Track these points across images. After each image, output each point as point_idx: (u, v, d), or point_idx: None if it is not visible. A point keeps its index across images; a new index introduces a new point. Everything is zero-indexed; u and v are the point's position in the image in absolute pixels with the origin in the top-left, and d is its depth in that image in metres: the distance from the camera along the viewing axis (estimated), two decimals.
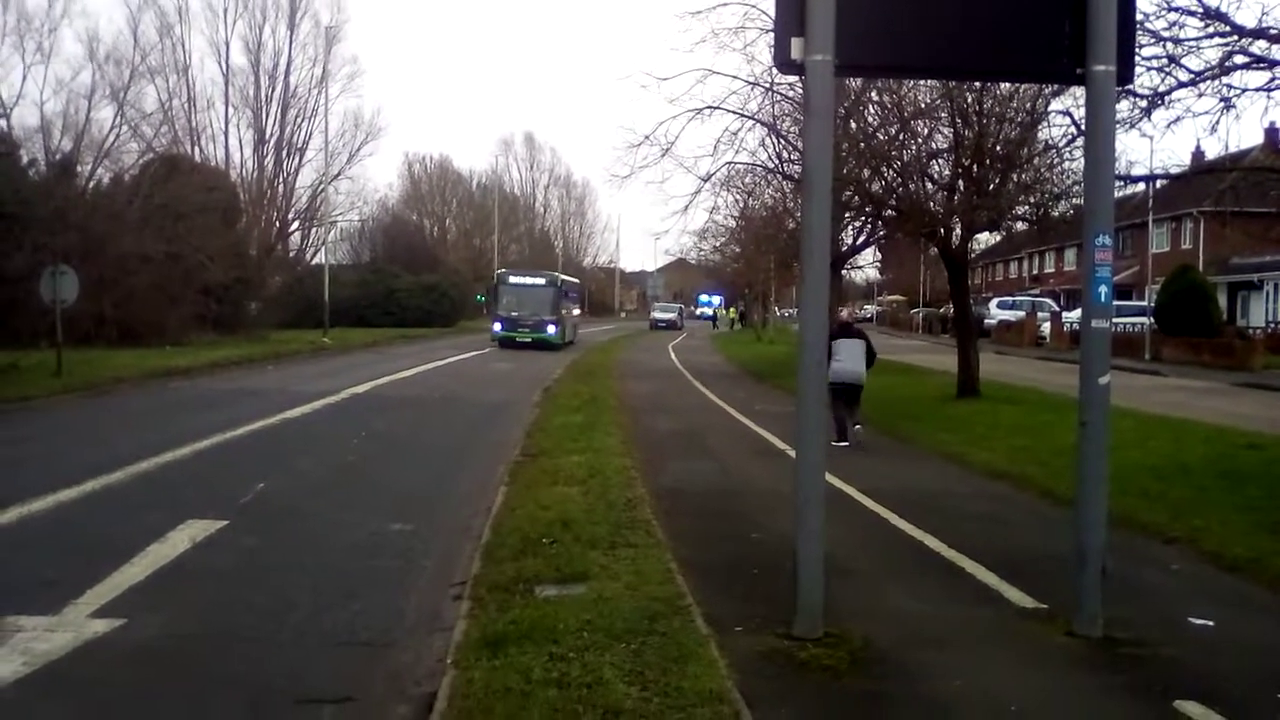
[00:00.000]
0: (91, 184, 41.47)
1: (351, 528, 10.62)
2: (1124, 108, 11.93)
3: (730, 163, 31.41)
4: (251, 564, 9.19)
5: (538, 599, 7.67)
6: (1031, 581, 8.40)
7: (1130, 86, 10.74)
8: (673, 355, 46.52)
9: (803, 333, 7.27)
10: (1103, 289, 7.03)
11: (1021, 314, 57.44)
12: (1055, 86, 16.72)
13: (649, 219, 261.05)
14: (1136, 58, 11.62)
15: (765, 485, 12.76)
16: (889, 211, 25.01)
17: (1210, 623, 7.57)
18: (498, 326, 47.98)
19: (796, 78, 13.29)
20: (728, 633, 7.07)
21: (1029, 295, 65.96)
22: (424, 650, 7.08)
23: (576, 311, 63.23)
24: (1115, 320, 36.97)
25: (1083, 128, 9.50)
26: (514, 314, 47.73)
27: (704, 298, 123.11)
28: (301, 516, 11.15)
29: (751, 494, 12.32)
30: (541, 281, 50.43)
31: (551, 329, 47.38)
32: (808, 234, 7.09)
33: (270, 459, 14.95)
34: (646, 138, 27.94)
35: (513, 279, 50.31)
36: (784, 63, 7.13)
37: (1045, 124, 20.43)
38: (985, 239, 33.71)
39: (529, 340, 46.37)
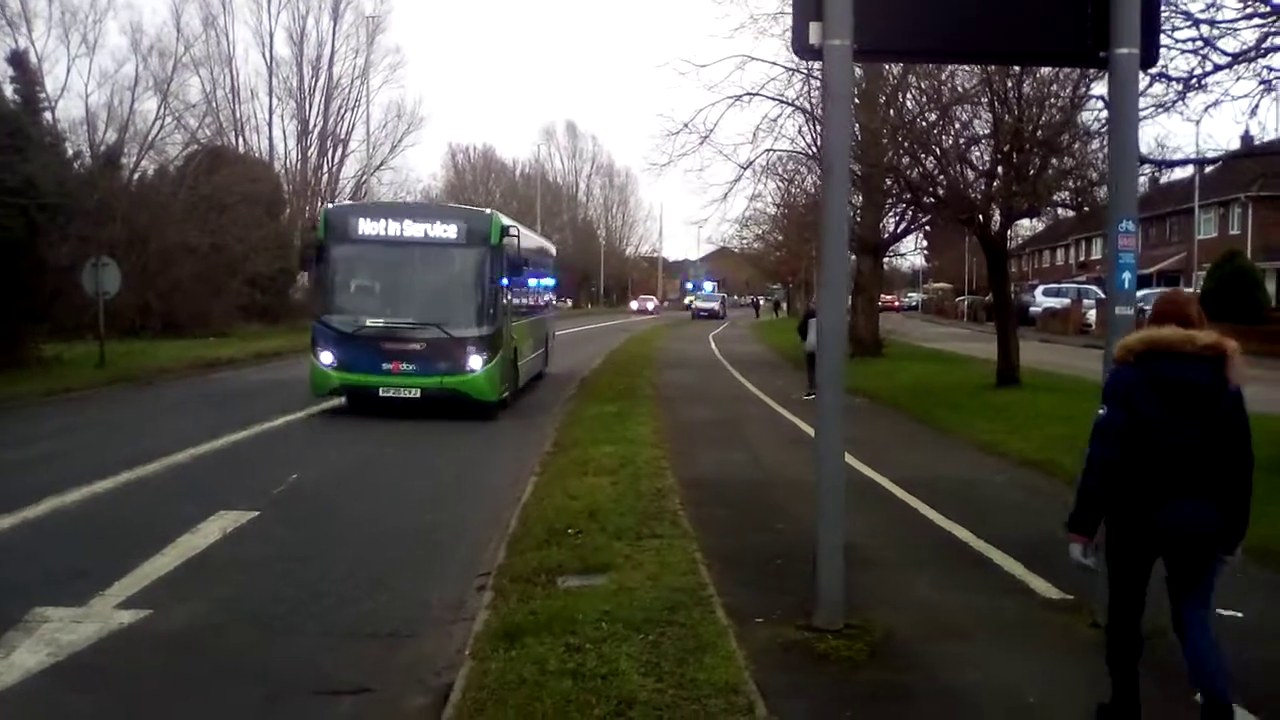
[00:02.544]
0: (136, 176, 41.89)
1: (382, 519, 10.69)
2: (1157, 91, 11.75)
3: (770, 150, 31.23)
4: (280, 555, 9.24)
5: (559, 590, 7.67)
6: (1059, 572, 8.26)
7: (1163, 69, 10.58)
8: (713, 345, 46.33)
9: (822, 318, 7.21)
10: (1126, 275, 6.92)
11: (1066, 301, 56.80)
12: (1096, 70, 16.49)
13: (690, 207, 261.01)
14: (1170, 40, 11.52)
15: (796, 475, 12.66)
16: (928, 199, 24.81)
17: (1240, 614, 7.44)
18: (325, 360, 18.81)
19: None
20: (748, 624, 7.04)
21: (1074, 282, 65.25)
22: (446, 641, 7.09)
23: (552, 303, 31.95)
24: None
25: None
26: (366, 325, 18.79)
27: (707, 287, 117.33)
28: (333, 508, 11.22)
29: (782, 484, 12.26)
30: (447, 231, 19.40)
31: (474, 360, 18.76)
32: (827, 219, 7.02)
33: (306, 450, 15.07)
34: (685, 125, 27.85)
35: (365, 224, 19.52)
36: (802, 48, 7.06)
37: (1086, 108, 20.15)
38: (1027, 225, 33.44)
39: (409, 395, 18.66)
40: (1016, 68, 18.95)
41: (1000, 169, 21.95)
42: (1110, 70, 6.98)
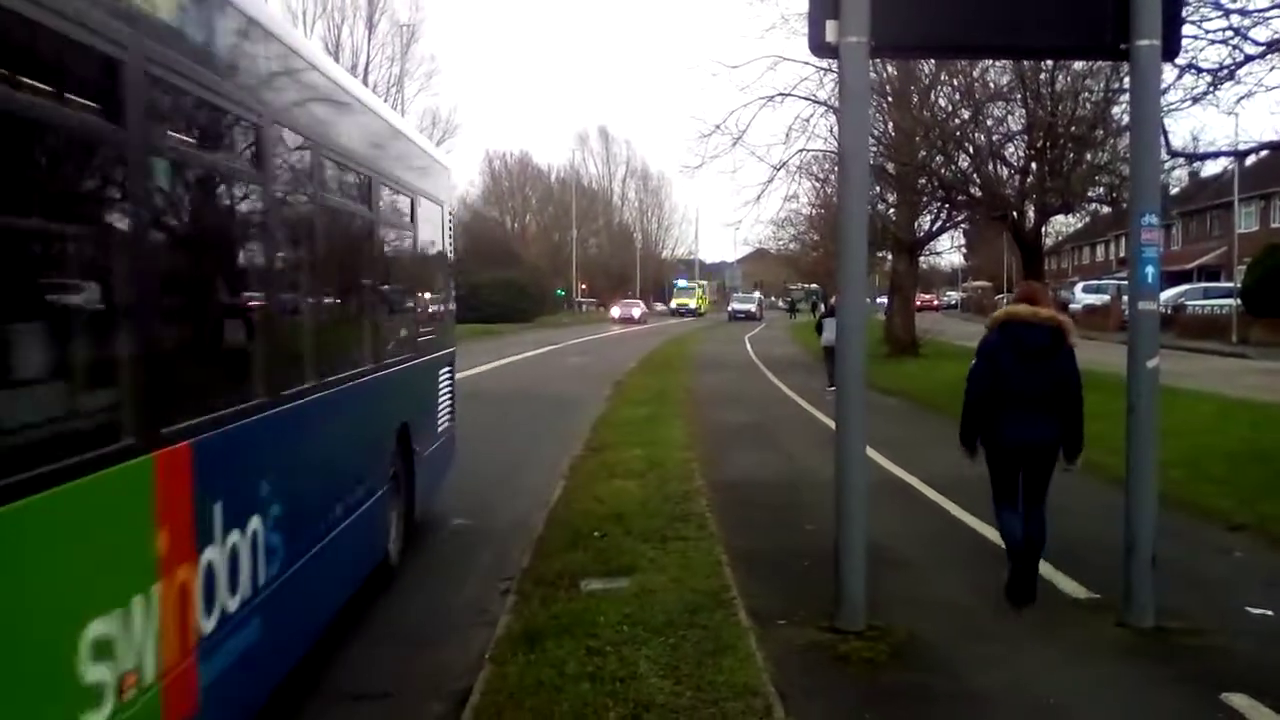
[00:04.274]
0: None
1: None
2: (1188, 82, 11.61)
3: (803, 150, 31.10)
4: None
5: (581, 593, 7.65)
6: (1087, 571, 8.20)
7: (1193, 61, 10.45)
8: (748, 346, 46.23)
9: (842, 317, 7.17)
10: (1149, 270, 6.85)
11: (1106, 298, 56.19)
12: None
13: (726, 209, 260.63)
14: (1198, 30, 11.39)
15: (828, 476, 12.49)
16: (962, 196, 24.66)
17: (1270, 612, 7.34)
18: None
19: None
20: (770, 626, 7.00)
21: (1114, 278, 64.60)
22: (468, 645, 7.09)
23: (439, 316, 11.15)
24: (1202, 303, 36.10)
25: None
26: None
27: (682, 283, 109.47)
28: None
29: (812, 486, 12.13)
30: None
31: None
32: (845, 217, 6.99)
33: None
34: (717, 127, 27.80)
35: None
36: (819, 46, 7.03)
37: (1118, 101, 19.95)
38: (1061, 222, 33.18)
39: None
40: (1049, 62, 18.81)
41: (1033, 165, 21.79)
42: (1131, 62, 6.90)
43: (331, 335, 6.83)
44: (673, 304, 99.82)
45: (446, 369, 11.40)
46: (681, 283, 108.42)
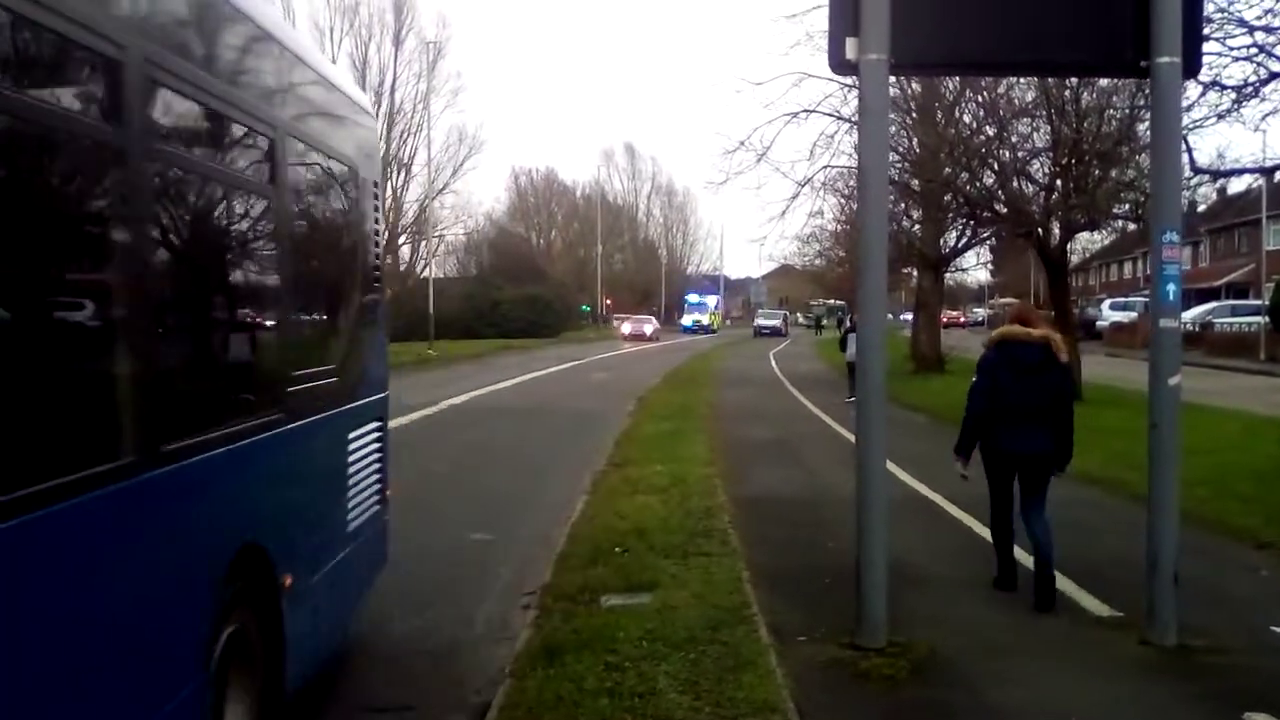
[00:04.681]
0: None
1: (433, 537, 10.70)
2: (1213, 100, 11.57)
3: (828, 166, 31.09)
4: None
5: (602, 608, 7.66)
6: (1109, 589, 8.17)
7: (1217, 78, 10.43)
8: (773, 362, 46.19)
9: (863, 333, 7.18)
10: (1170, 287, 6.82)
11: (1133, 315, 55.87)
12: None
13: (750, 225, 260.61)
14: (1222, 47, 11.36)
15: (849, 494, 12.45)
16: (986, 213, 24.62)
17: None
18: None
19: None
20: (790, 642, 6.99)
21: (1142, 296, 64.22)
22: (488, 659, 7.09)
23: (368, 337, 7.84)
24: (1229, 320, 35.84)
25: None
26: None
27: (693, 298, 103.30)
28: None
29: (834, 503, 12.12)
30: None
31: None
32: (865, 234, 7.01)
33: None
34: (741, 143, 27.78)
35: None
36: (839, 63, 7.05)
37: (1143, 118, 19.88)
38: (1088, 239, 33.02)
39: None
40: (1074, 79, 18.78)
41: (1058, 182, 21.74)
42: (1151, 79, 6.91)
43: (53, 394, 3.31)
44: (684, 321, 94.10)
45: (369, 427, 7.35)
46: (693, 298, 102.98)
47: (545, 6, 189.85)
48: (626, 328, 76.63)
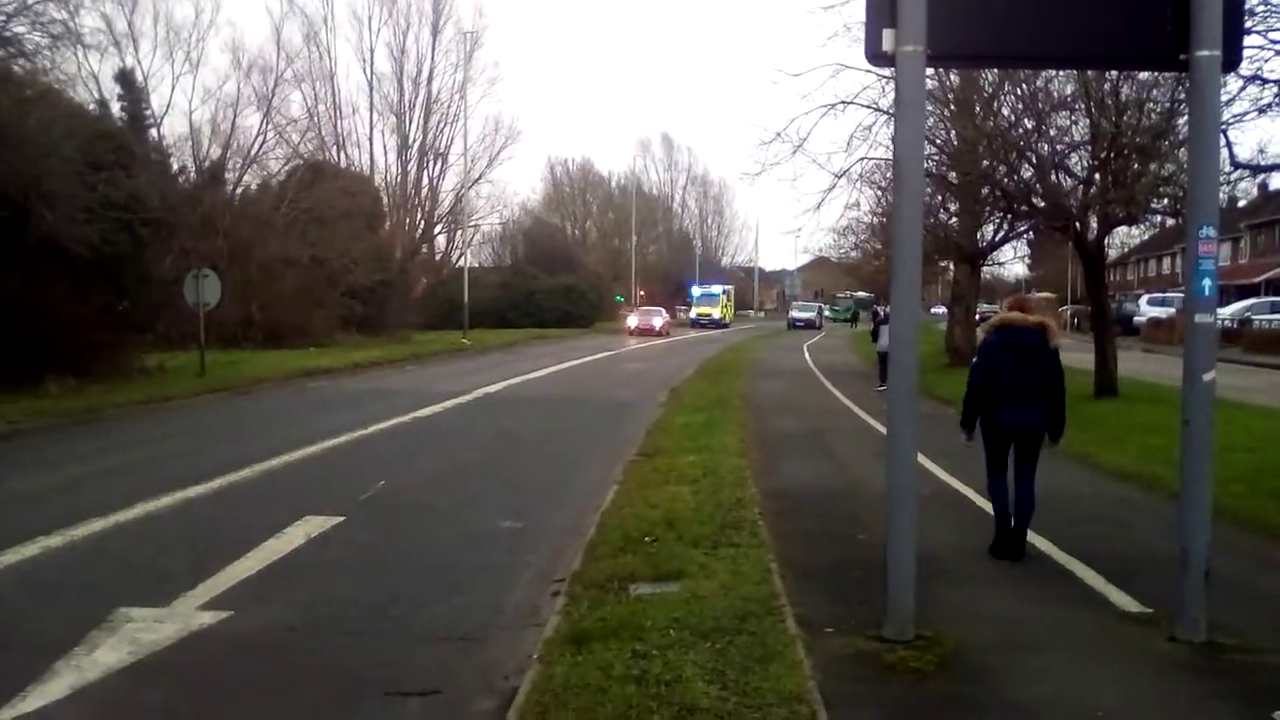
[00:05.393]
0: (239, 190, 42.94)
1: (464, 524, 10.79)
2: (1253, 93, 11.44)
3: (864, 158, 30.93)
4: (361, 559, 9.40)
5: (630, 596, 7.69)
6: (1140, 585, 8.13)
7: (1258, 72, 10.31)
8: (807, 355, 46.09)
9: (895, 326, 7.16)
10: (1206, 282, 6.76)
11: (1171, 311, 55.32)
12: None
13: (786, 217, 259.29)
14: (1265, 41, 11.24)
15: (880, 487, 12.47)
16: (1024, 206, 24.46)
17: None
18: None
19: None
20: (817, 634, 6.99)
21: (1180, 291, 63.53)
22: (517, 645, 7.12)
23: None
24: (1268, 317, 35.48)
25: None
26: None
27: (697, 290, 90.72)
28: (417, 513, 11.36)
29: (866, 496, 12.12)
30: None
31: None
32: (899, 228, 6.97)
33: (395, 456, 15.28)
34: (778, 135, 27.61)
35: None
36: (875, 55, 7.01)
37: (1183, 112, 19.66)
38: (1126, 234, 32.72)
39: None
40: (1113, 72, 18.61)
41: (1097, 176, 21.56)
42: (1190, 73, 6.83)
43: None
44: (692, 313, 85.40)
45: None
46: (697, 290, 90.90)
47: None
48: (633, 321, 68.97)
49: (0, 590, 8.32)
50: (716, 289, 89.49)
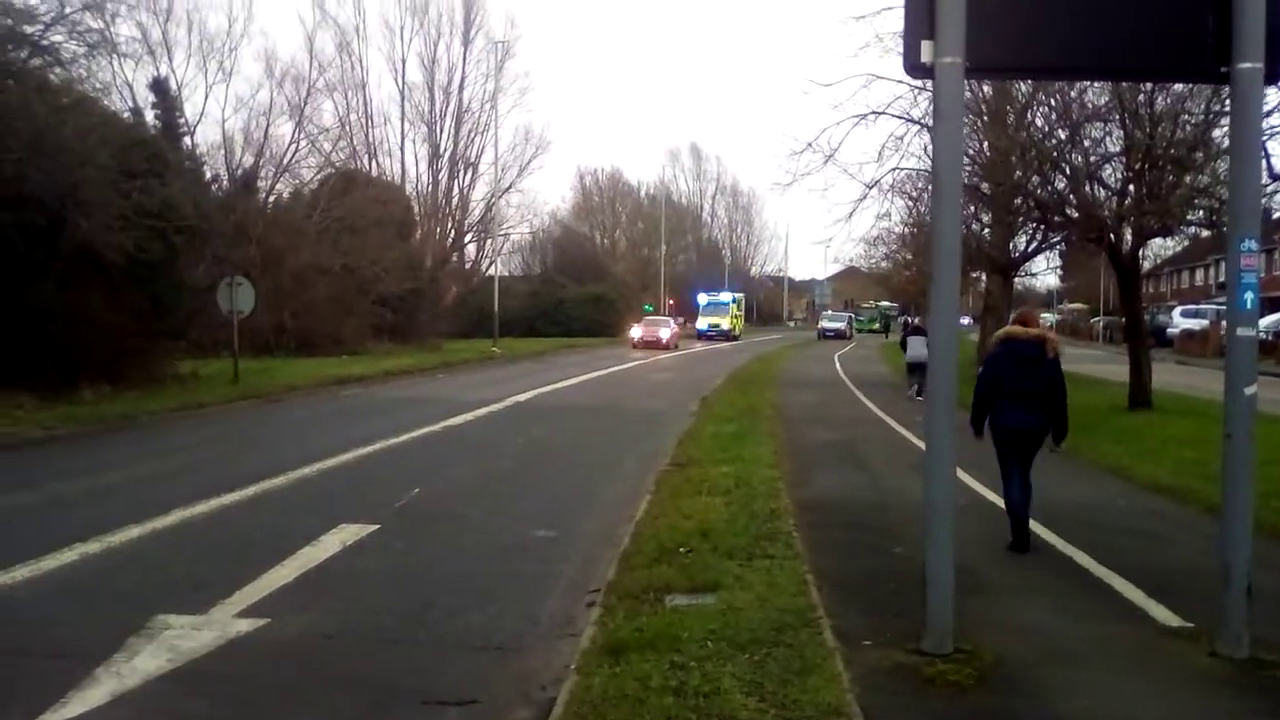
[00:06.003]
0: (271, 199, 43.23)
1: (498, 533, 10.81)
2: None
3: (896, 168, 30.85)
4: (396, 567, 9.43)
5: (666, 607, 7.68)
6: (1180, 599, 8.07)
7: None
8: (838, 365, 45.96)
9: (933, 338, 7.13)
10: (1248, 295, 6.71)
11: (1205, 323, 54.93)
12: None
13: (816, 227, 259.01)
14: None
15: (915, 498, 12.44)
16: (1058, 218, 24.36)
17: None
18: None
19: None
20: (855, 647, 6.96)
21: (1214, 303, 63.12)
22: (553, 655, 7.13)
23: None
24: None
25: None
26: None
27: (704, 298, 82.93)
28: (451, 521, 11.39)
29: (900, 508, 12.08)
30: None
31: None
32: (938, 239, 6.95)
33: (428, 465, 15.33)
34: (809, 145, 27.55)
35: None
36: (914, 66, 6.99)
37: (1219, 124, 19.54)
38: (1160, 245, 32.51)
39: None
40: (1149, 84, 18.53)
41: (1131, 187, 21.45)
42: (1232, 86, 6.78)
43: None
44: (699, 324, 77.92)
45: None
46: (704, 298, 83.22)
47: (613, 8, 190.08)
48: (637, 332, 62.64)
49: (41, 596, 8.38)
50: (725, 296, 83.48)
